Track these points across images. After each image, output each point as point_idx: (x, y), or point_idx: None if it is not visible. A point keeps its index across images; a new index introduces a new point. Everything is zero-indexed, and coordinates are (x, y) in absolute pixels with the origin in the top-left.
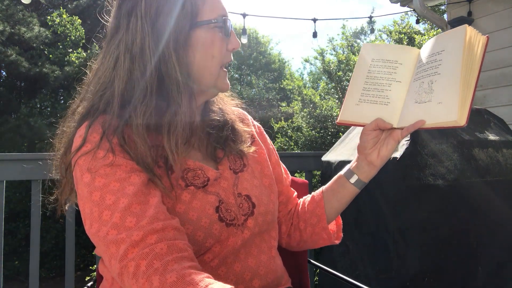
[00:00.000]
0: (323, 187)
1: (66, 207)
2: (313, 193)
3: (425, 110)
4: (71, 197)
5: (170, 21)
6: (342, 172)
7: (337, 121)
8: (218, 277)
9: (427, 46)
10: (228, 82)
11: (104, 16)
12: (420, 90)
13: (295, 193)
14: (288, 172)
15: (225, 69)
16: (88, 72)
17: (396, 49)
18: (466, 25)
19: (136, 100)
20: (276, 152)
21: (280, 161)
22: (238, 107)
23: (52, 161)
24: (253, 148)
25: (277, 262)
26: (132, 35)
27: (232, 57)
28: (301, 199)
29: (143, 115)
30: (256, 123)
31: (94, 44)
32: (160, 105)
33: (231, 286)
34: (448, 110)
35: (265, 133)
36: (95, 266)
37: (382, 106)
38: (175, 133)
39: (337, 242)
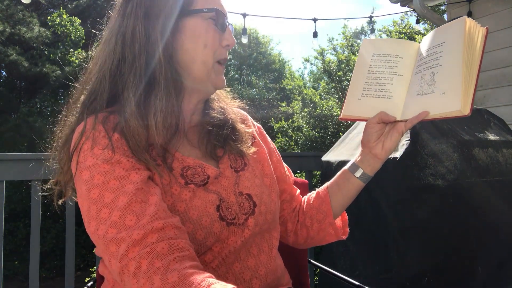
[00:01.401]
0: (328, 183)
1: (60, 202)
2: (317, 189)
3: (428, 102)
4: (67, 189)
5: (162, 7)
6: (346, 167)
7: (340, 116)
8: (217, 277)
9: (427, 39)
10: (224, 78)
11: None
12: (422, 82)
13: (298, 191)
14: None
15: (221, 65)
16: (89, 61)
17: (395, 43)
18: (465, 16)
19: (128, 82)
20: (278, 151)
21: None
22: (240, 108)
23: (52, 149)
24: (253, 149)
25: (277, 262)
26: (126, 20)
27: (227, 55)
28: (305, 197)
29: (133, 95)
30: (256, 123)
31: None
32: (148, 86)
33: (233, 286)
34: (452, 100)
35: (265, 133)
36: (95, 266)
37: (384, 99)
38: (156, 113)
39: (344, 237)
